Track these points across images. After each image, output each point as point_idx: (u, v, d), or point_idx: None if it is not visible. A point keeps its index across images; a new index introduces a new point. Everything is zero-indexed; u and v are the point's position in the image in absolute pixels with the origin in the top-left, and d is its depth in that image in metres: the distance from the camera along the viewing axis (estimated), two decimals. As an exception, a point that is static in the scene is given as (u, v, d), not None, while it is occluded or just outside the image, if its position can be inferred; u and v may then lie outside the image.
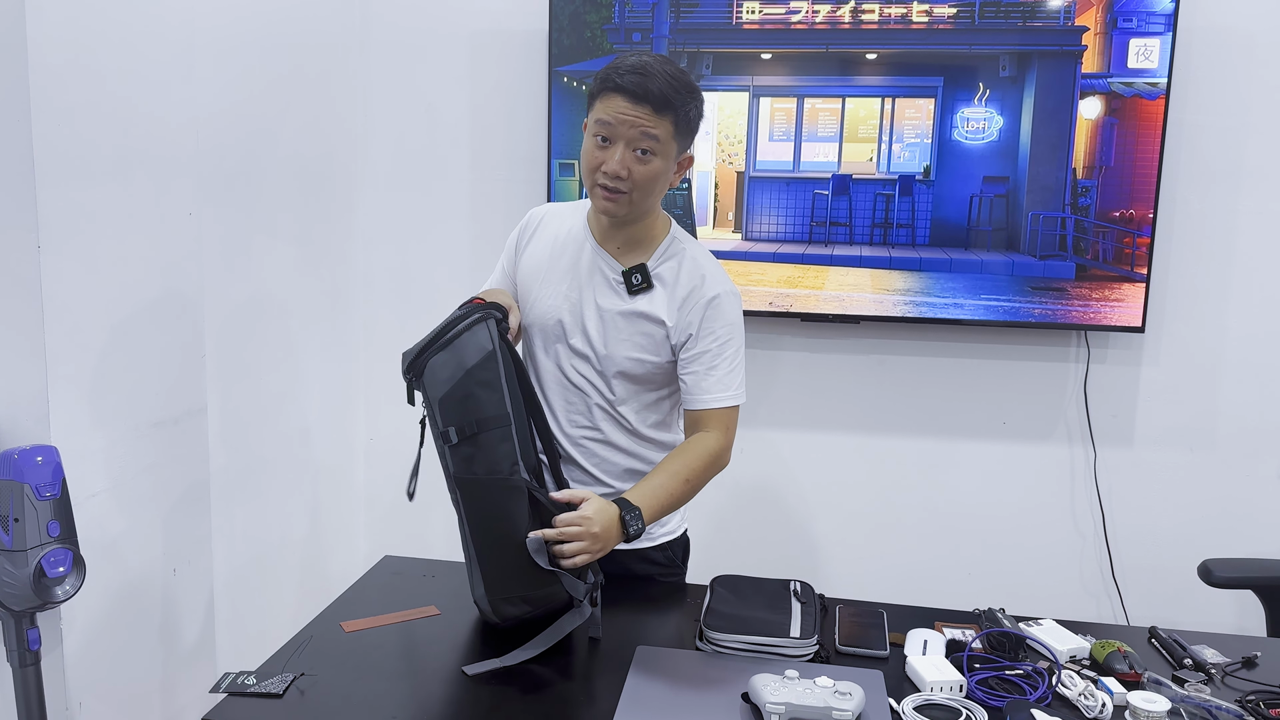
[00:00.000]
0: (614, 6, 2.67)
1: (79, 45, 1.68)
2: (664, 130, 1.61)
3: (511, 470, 1.53)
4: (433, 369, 1.56)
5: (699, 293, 1.70)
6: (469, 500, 1.56)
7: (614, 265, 1.73)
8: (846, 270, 2.71)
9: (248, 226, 2.33)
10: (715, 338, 1.70)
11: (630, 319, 1.71)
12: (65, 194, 1.65)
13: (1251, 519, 2.74)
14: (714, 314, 1.69)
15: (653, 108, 1.59)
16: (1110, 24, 2.53)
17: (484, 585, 1.55)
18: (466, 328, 1.57)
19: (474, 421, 1.53)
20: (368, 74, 2.90)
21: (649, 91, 1.58)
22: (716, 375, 1.69)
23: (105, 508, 1.80)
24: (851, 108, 2.66)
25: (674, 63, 1.66)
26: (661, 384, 1.76)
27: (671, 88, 1.60)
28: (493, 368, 1.55)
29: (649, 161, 1.62)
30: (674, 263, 1.72)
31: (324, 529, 2.80)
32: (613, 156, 1.61)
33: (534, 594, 1.54)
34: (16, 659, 1.56)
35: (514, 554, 1.52)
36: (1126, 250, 2.60)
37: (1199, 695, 1.44)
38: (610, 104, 1.60)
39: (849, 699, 1.32)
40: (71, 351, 1.69)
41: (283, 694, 1.40)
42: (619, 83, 1.59)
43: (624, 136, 1.60)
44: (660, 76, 1.59)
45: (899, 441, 2.85)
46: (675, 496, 1.66)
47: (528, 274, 1.80)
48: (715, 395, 1.69)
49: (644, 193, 1.65)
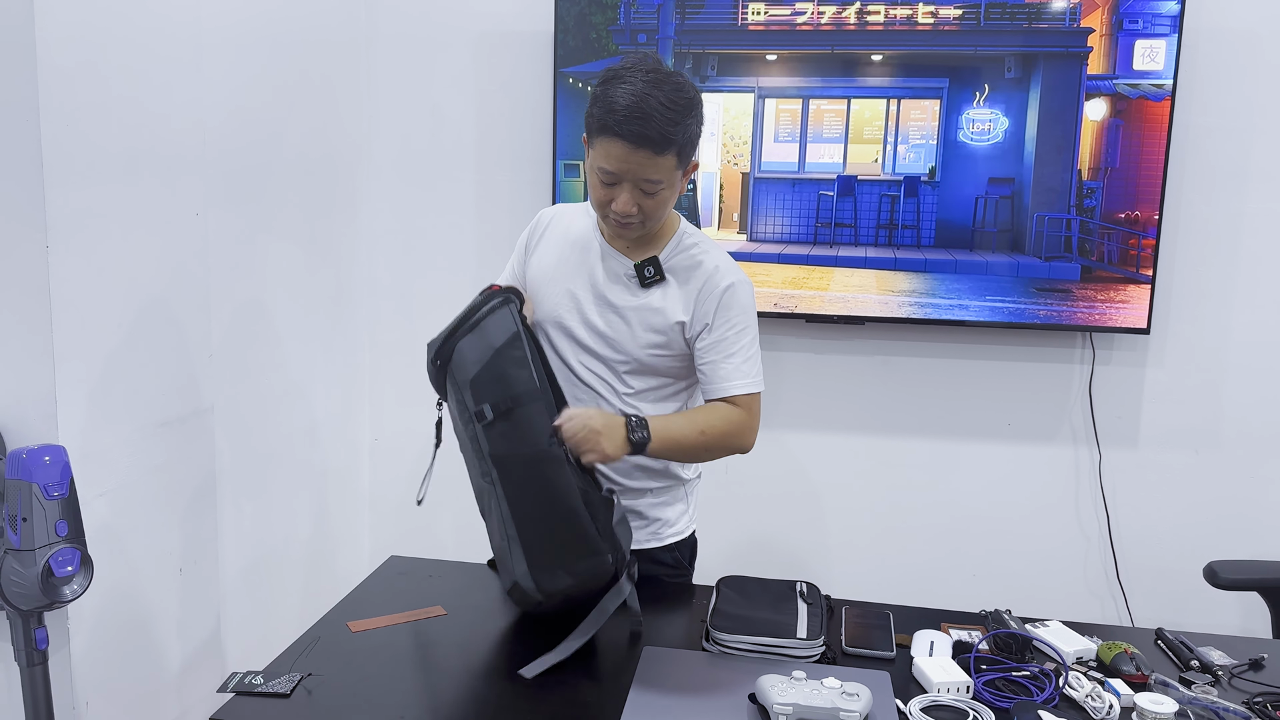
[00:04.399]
0: (619, 8, 2.67)
1: (87, 46, 1.68)
2: (667, 166, 1.59)
3: (551, 442, 1.53)
4: (461, 352, 1.57)
5: (713, 282, 1.70)
6: (507, 476, 1.55)
7: (624, 261, 1.73)
8: (851, 271, 2.71)
9: (254, 227, 2.34)
10: (731, 325, 1.70)
11: (642, 313, 1.72)
12: (73, 194, 1.66)
13: (1257, 520, 2.74)
14: (729, 301, 1.70)
15: (653, 150, 1.55)
16: (1116, 25, 2.53)
17: (526, 561, 1.53)
18: (489, 312, 1.58)
19: (509, 398, 1.53)
20: (374, 75, 2.90)
21: (646, 136, 1.54)
22: (734, 362, 1.70)
23: (113, 507, 1.81)
24: (857, 109, 2.66)
25: (669, 79, 1.58)
26: (679, 375, 1.78)
27: (670, 122, 1.54)
28: (520, 346, 1.56)
29: (656, 194, 1.62)
30: (686, 255, 1.73)
31: (330, 528, 2.81)
32: (620, 196, 1.61)
33: (577, 565, 1.53)
34: (24, 658, 1.57)
35: (557, 525, 1.52)
36: (1132, 252, 2.60)
37: (1206, 697, 1.43)
38: (610, 150, 1.57)
39: (856, 700, 1.32)
40: (79, 351, 1.70)
41: (290, 694, 1.41)
42: (619, 132, 1.54)
43: (628, 179, 1.59)
44: (658, 117, 1.53)
45: (904, 442, 2.85)
46: (687, 439, 1.66)
47: (538, 274, 1.80)
48: (735, 382, 1.70)
49: (656, 217, 1.67)
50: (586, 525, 1.52)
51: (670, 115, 1.54)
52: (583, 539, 1.52)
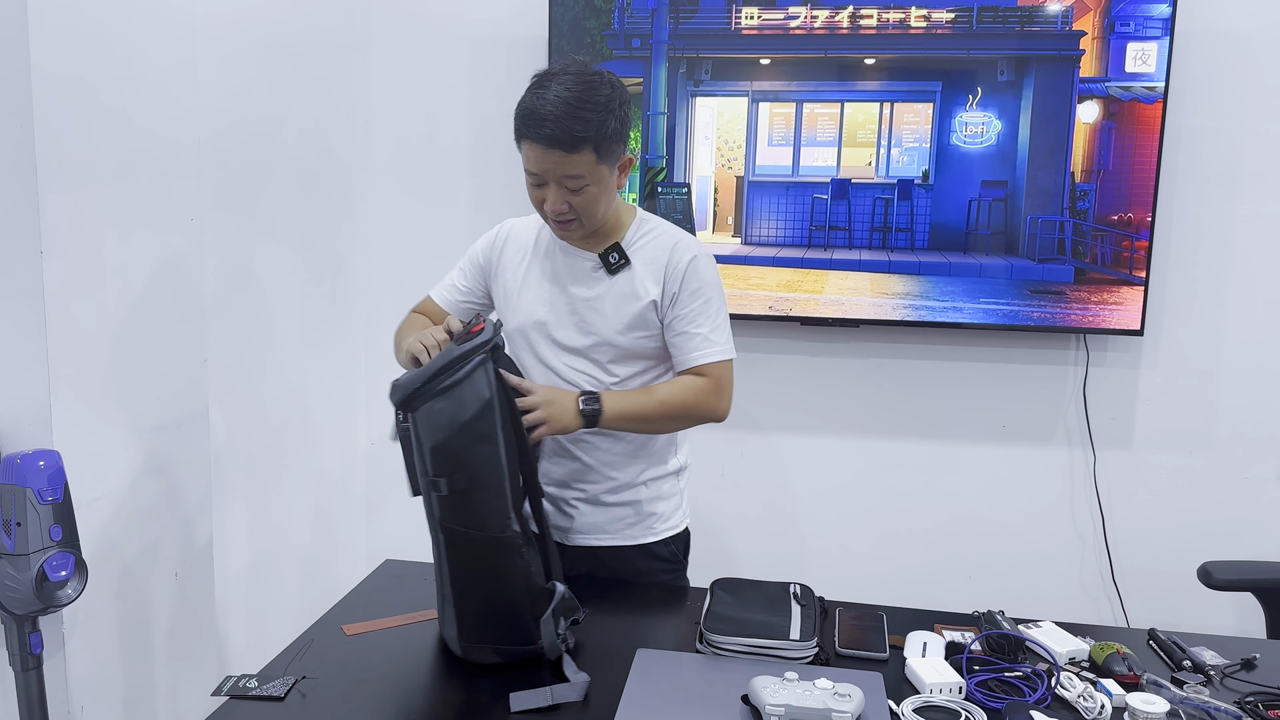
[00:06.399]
0: (613, 13, 2.68)
1: (81, 50, 1.69)
2: (585, 162, 1.63)
3: (503, 528, 1.50)
4: (429, 413, 1.49)
5: (676, 256, 1.75)
6: (454, 548, 1.52)
7: (587, 255, 1.77)
8: (846, 274, 2.72)
9: (249, 231, 2.34)
10: (696, 295, 1.74)
11: (614, 299, 1.75)
12: (67, 198, 1.66)
13: (1250, 521, 2.74)
14: (693, 274, 1.74)
15: (564, 150, 1.60)
16: (1108, 28, 2.54)
17: (457, 629, 1.53)
18: (466, 375, 1.48)
19: (467, 479, 1.48)
20: (369, 80, 2.91)
21: (555, 138, 1.59)
22: (703, 332, 1.74)
23: (107, 512, 1.80)
24: (850, 112, 2.67)
25: (584, 79, 1.62)
26: (662, 358, 1.80)
27: (574, 121, 1.58)
28: (490, 419, 1.49)
29: (583, 191, 1.66)
30: (647, 238, 1.78)
31: (325, 533, 2.81)
32: (549, 196, 1.66)
33: (505, 648, 1.52)
34: (19, 663, 1.56)
35: (495, 607, 1.51)
36: (1125, 253, 2.61)
37: (1198, 697, 1.44)
38: (529, 152, 1.64)
39: (849, 701, 1.32)
40: (74, 356, 1.70)
41: (284, 697, 1.41)
42: (529, 135, 1.61)
43: (551, 178, 1.64)
44: (557, 118, 1.58)
45: (898, 445, 2.86)
46: (644, 409, 1.73)
47: (507, 284, 1.83)
48: (704, 351, 1.74)
49: (591, 214, 1.70)
50: (523, 614, 1.51)
51: (579, 114, 1.59)
52: (517, 628, 1.51)
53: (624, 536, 1.84)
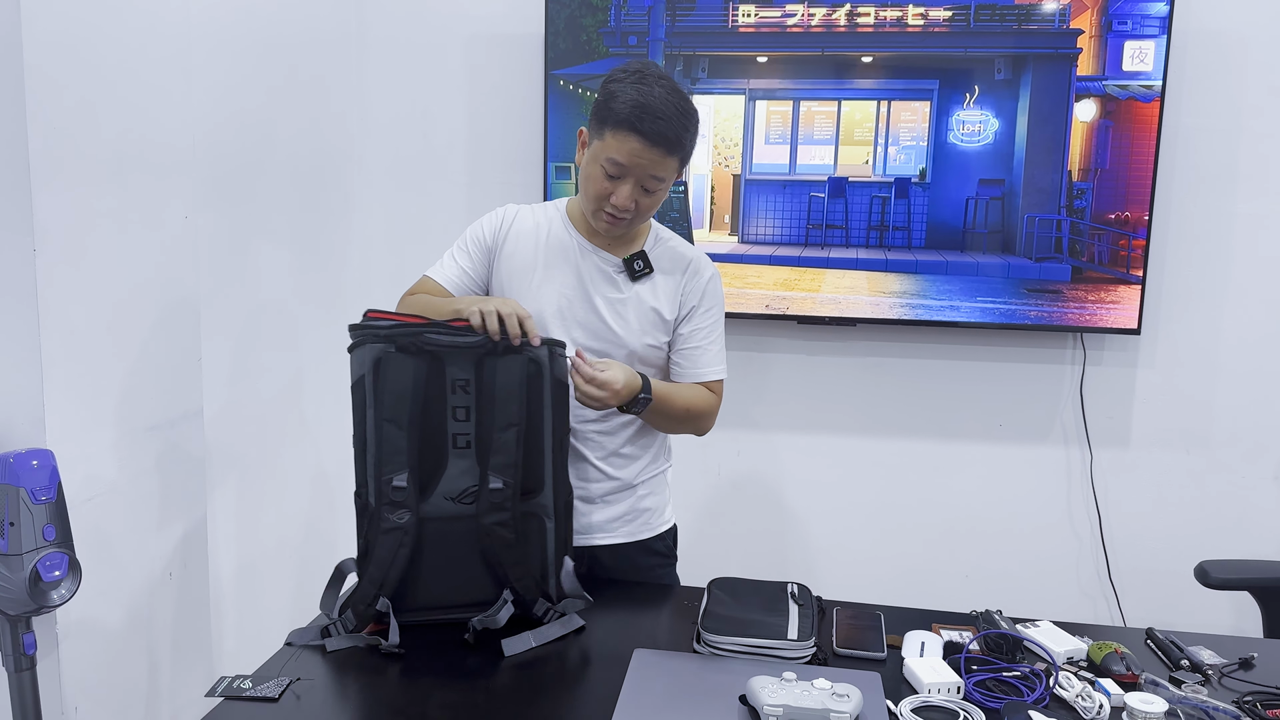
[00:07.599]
0: (610, 10, 2.67)
1: (75, 48, 1.68)
2: (671, 167, 1.67)
3: None
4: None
5: (696, 273, 1.81)
6: None
7: (608, 258, 1.77)
8: (843, 273, 2.71)
9: (244, 230, 2.33)
10: (710, 314, 1.81)
11: (637, 305, 1.77)
12: (61, 197, 1.65)
13: (1248, 520, 2.74)
14: (712, 291, 1.82)
15: (665, 150, 1.63)
16: (1105, 27, 2.54)
17: None
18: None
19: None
20: (364, 78, 2.90)
21: (665, 138, 1.61)
22: (714, 350, 1.82)
23: (101, 511, 1.80)
24: (847, 111, 2.66)
25: (680, 89, 1.66)
26: (662, 366, 1.83)
27: (683, 126, 1.63)
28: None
29: (655, 194, 1.69)
30: (666, 249, 1.82)
31: (320, 533, 2.80)
32: (621, 191, 1.66)
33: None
34: (12, 663, 1.55)
35: None
36: (1122, 252, 2.60)
37: (1196, 696, 1.44)
38: (624, 144, 1.62)
39: (846, 701, 1.32)
40: (67, 355, 1.69)
41: (278, 698, 1.40)
42: (639, 128, 1.60)
43: (634, 175, 1.65)
44: (669, 118, 1.61)
45: (895, 444, 2.85)
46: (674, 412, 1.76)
47: (513, 272, 1.79)
48: (716, 368, 1.82)
49: (648, 215, 1.74)
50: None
51: (684, 121, 1.64)
52: None
53: (622, 535, 1.85)
